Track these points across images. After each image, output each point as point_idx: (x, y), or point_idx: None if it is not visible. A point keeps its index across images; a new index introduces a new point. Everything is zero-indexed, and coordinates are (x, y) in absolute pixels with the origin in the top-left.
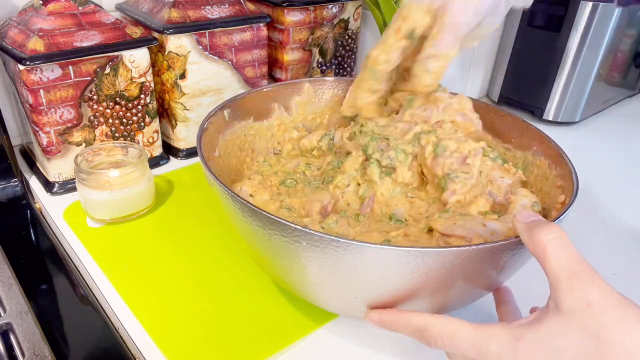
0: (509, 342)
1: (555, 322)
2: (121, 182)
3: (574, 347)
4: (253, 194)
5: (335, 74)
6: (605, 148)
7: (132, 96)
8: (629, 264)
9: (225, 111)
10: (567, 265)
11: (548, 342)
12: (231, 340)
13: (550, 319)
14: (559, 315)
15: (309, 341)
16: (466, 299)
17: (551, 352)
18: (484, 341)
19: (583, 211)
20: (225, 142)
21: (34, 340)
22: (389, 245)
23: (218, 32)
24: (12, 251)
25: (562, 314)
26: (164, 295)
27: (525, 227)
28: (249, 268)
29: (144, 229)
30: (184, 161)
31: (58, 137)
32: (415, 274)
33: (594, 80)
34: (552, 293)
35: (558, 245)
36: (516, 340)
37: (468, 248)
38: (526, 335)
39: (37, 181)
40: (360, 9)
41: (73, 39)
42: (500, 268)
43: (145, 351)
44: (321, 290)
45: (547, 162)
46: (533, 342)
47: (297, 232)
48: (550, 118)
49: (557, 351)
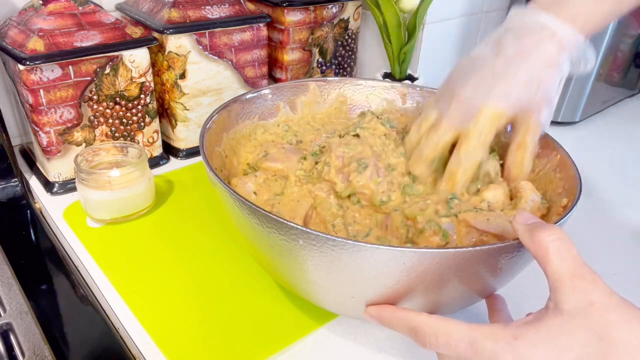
0: (506, 342)
1: (555, 322)
2: (121, 182)
3: (578, 346)
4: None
5: (335, 74)
6: (605, 148)
7: (132, 96)
8: (629, 264)
9: (229, 110)
10: (569, 266)
11: (548, 341)
12: (231, 340)
13: (550, 318)
14: (559, 315)
15: (309, 341)
16: (462, 302)
17: (552, 352)
18: (480, 340)
19: (583, 211)
20: (229, 140)
21: (34, 340)
22: (385, 245)
23: (218, 32)
24: (12, 251)
25: (563, 314)
26: (164, 295)
27: (526, 229)
28: (249, 268)
29: (144, 229)
30: (184, 161)
31: (58, 137)
32: (411, 274)
33: (594, 80)
34: (552, 294)
35: (560, 247)
36: (514, 339)
37: (465, 250)
38: (525, 335)
39: (37, 181)
40: (360, 9)
41: (73, 39)
42: (498, 271)
43: (145, 351)
44: (318, 289)
45: (552, 165)
46: (532, 342)
47: (294, 231)
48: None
49: (558, 351)
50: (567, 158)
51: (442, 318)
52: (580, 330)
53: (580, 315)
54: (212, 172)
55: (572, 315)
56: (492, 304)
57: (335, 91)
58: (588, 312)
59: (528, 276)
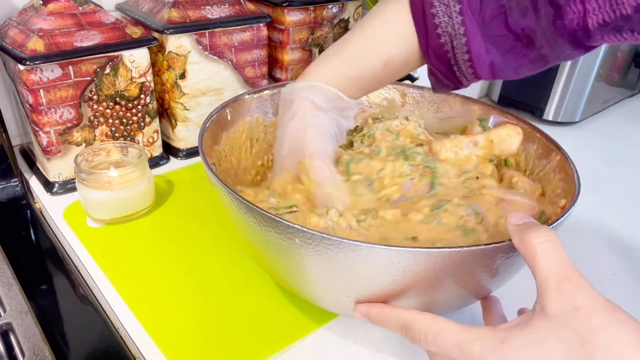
0: (493, 345)
1: (541, 325)
2: (121, 182)
3: (561, 349)
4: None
5: None
6: (605, 148)
7: (132, 96)
8: (629, 264)
9: (228, 110)
10: (556, 270)
11: (533, 345)
12: (231, 340)
13: (536, 322)
14: (544, 319)
15: (309, 341)
16: (457, 303)
17: (536, 355)
18: (468, 342)
19: (583, 211)
20: (228, 139)
21: (34, 340)
22: (381, 244)
23: (218, 32)
24: (12, 251)
25: (548, 317)
26: (164, 295)
27: (517, 229)
28: (249, 268)
29: (144, 229)
30: (184, 161)
31: (58, 137)
32: (407, 273)
33: (594, 80)
34: (539, 296)
35: (548, 249)
36: (501, 342)
37: (460, 249)
38: (511, 338)
39: (37, 181)
40: (360, 9)
41: (73, 39)
42: (494, 271)
43: (145, 351)
44: (316, 288)
45: (551, 166)
46: (518, 345)
47: (290, 229)
48: (550, 118)
49: (542, 354)
50: (566, 159)
51: (433, 316)
52: (564, 334)
53: (565, 318)
54: (210, 171)
55: (557, 318)
56: (486, 304)
57: None
58: (573, 315)
59: (523, 277)
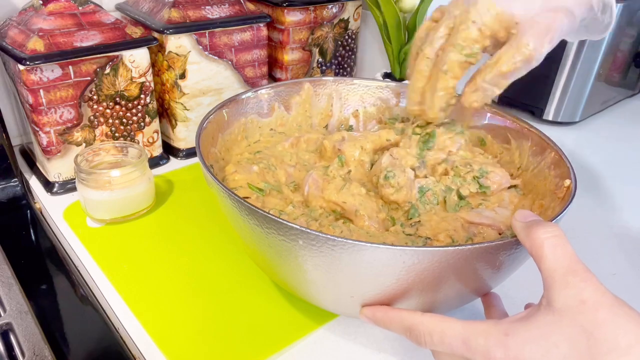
0: (497, 338)
1: (546, 318)
2: (121, 182)
3: (566, 344)
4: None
5: (335, 74)
6: (605, 148)
7: (132, 96)
8: (629, 264)
9: (225, 110)
10: (563, 263)
11: (538, 338)
12: (231, 340)
13: (541, 315)
14: (550, 312)
15: (309, 341)
16: (460, 300)
17: (541, 348)
18: (473, 336)
19: (583, 211)
20: (224, 141)
21: (34, 340)
22: (385, 244)
23: (218, 32)
24: (12, 251)
25: (554, 311)
26: (163, 295)
27: (524, 226)
28: (248, 268)
29: (144, 229)
30: (184, 161)
31: (58, 137)
32: (411, 273)
33: (594, 80)
34: (545, 291)
35: (555, 243)
36: (505, 335)
37: (464, 247)
38: (516, 331)
39: (37, 181)
40: (360, 9)
41: (73, 39)
42: (497, 268)
43: (145, 351)
44: (318, 289)
45: (546, 162)
46: (522, 338)
47: (294, 231)
48: (550, 118)
49: (547, 347)
50: (561, 155)
51: (435, 316)
52: (570, 328)
53: (571, 312)
54: (209, 172)
55: (563, 312)
56: (487, 300)
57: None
58: (579, 310)
59: (523, 273)
